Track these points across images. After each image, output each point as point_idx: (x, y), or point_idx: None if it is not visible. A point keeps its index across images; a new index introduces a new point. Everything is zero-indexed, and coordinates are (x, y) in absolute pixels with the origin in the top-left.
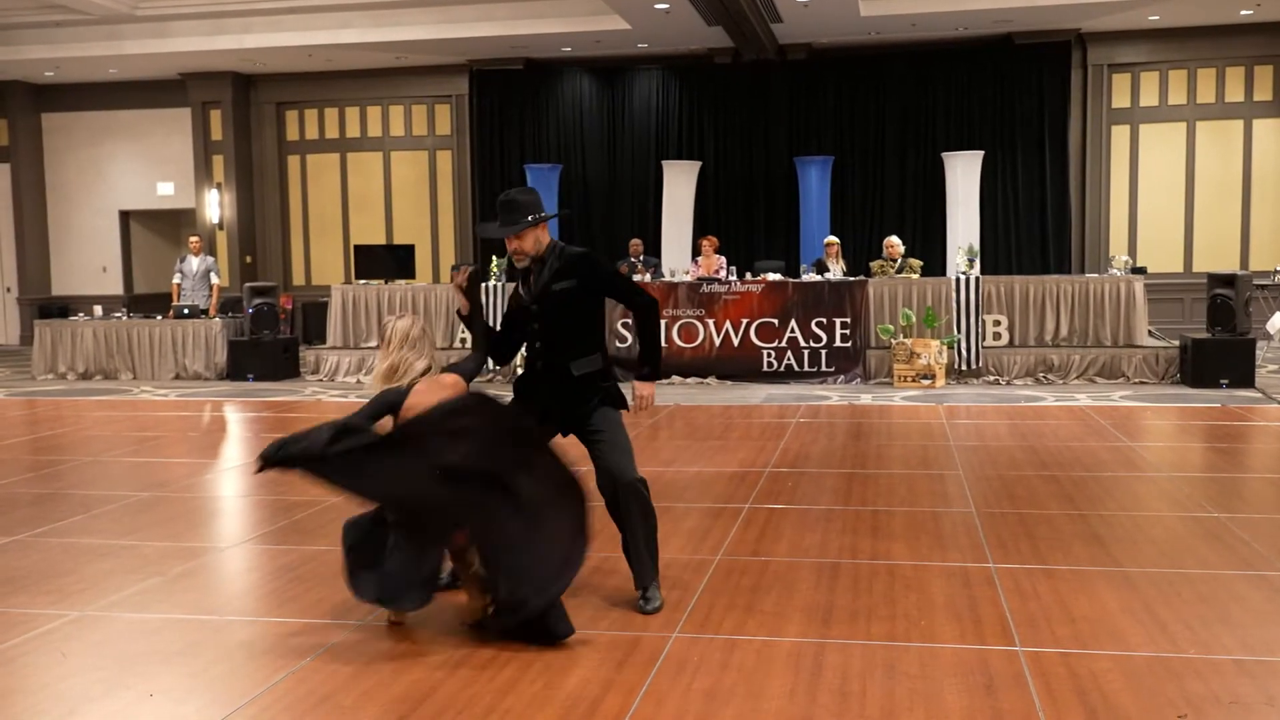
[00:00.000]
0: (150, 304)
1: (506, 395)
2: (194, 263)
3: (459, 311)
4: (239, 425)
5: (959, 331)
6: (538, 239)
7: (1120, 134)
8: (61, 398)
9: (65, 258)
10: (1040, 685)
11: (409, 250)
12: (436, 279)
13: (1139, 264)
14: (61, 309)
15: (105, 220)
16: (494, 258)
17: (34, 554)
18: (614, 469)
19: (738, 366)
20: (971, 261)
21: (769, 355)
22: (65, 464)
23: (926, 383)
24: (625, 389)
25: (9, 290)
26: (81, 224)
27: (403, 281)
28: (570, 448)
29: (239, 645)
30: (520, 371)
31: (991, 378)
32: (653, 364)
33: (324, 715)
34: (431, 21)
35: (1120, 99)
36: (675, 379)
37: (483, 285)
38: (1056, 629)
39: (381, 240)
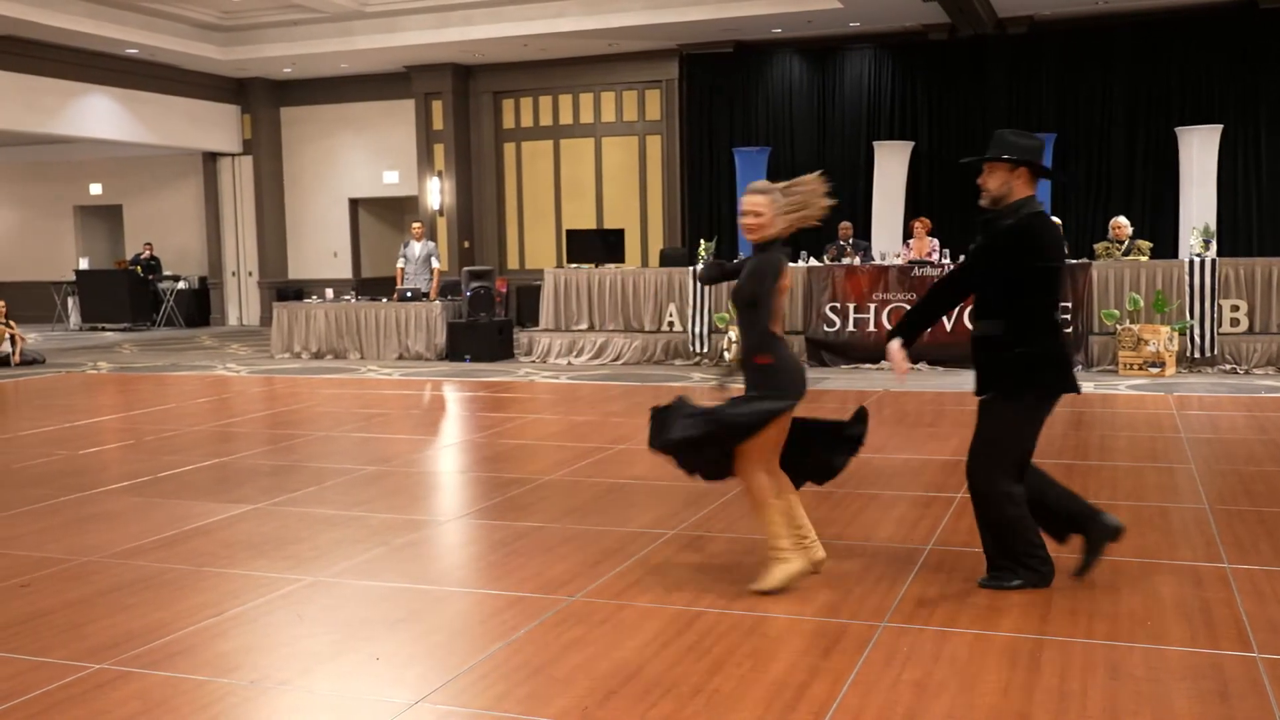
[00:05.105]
0: (376, 287)
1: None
2: (416, 248)
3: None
4: (457, 404)
5: (1192, 317)
6: (1006, 183)
7: None
8: (297, 375)
9: (300, 243)
10: None
11: (619, 234)
12: (645, 263)
13: None
14: (297, 292)
15: (336, 208)
16: (702, 241)
17: (273, 521)
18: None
19: (950, 352)
20: (1207, 243)
21: None
22: (300, 438)
23: (1155, 371)
24: (840, 374)
25: (250, 274)
26: (315, 212)
27: (613, 265)
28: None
29: (457, 615)
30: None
31: (1228, 366)
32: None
33: (537, 686)
34: (643, 7)
35: None
36: (885, 364)
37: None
38: None
39: (592, 225)
